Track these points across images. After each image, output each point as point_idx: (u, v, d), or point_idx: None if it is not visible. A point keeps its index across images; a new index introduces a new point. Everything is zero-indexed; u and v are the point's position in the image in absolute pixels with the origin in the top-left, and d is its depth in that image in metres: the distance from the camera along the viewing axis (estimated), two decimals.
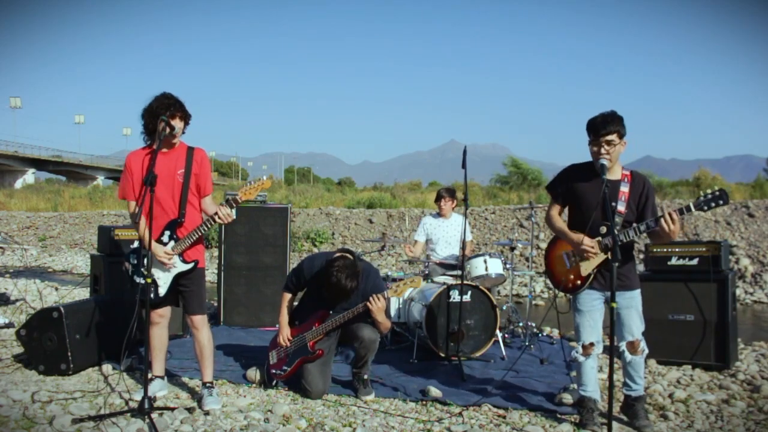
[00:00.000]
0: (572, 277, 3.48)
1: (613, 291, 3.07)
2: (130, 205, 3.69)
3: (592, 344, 3.46)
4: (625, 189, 3.41)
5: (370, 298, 3.90)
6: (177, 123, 3.58)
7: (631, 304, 3.44)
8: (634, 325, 3.44)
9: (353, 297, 4.01)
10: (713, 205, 3.12)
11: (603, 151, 3.31)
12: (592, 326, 3.47)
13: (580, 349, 3.49)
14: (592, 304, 3.47)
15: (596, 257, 3.38)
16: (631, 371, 3.53)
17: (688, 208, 3.14)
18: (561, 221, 3.62)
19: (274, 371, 4.19)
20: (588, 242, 3.36)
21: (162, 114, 3.49)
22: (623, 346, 3.46)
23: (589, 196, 3.43)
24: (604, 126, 3.30)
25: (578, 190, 3.50)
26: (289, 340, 4.14)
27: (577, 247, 3.42)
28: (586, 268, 3.41)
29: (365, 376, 4.09)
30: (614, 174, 3.43)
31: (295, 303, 4.32)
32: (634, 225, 3.32)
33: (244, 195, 3.56)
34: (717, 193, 3.12)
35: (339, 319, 4.00)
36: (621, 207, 3.37)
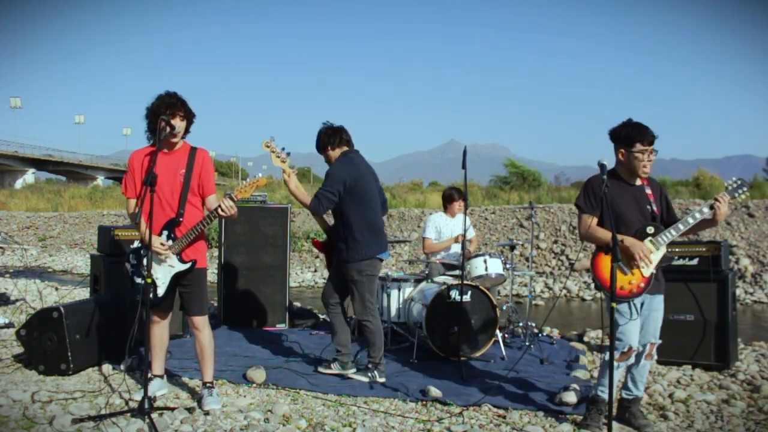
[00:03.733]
0: (634, 281, 3.37)
1: (613, 291, 3.07)
2: (130, 205, 3.69)
3: (631, 348, 3.39)
4: (649, 191, 3.46)
5: None
6: (178, 122, 3.57)
7: (660, 306, 3.48)
8: (657, 329, 3.47)
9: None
10: (740, 192, 3.37)
11: (650, 159, 3.34)
12: (637, 330, 3.42)
13: (619, 354, 3.36)
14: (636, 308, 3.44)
15: (655, 255, 3.35)
16: (637, 375, 3.53)
17: (725, 195, 3.32)
18: (602, 230, 3.43)
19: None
20: (645, 247, 3.31)
21: (163, 113, 3.49)
22: (647, 348, 3.45)
23: (623, 201, 3.42)
24: (653, 135, 3.31)
25: (611, 199, 3.35)
26: None
27: (636, 249, 3.30)
28: (647, 267, 3.35)
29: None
30: (635, 180, 3.48)
31: None
32: (683, 218, 3.35)
33: (240, 193, 3.55)
34: (739, 181, 3.39)
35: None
36: (656, 208, 3.44)
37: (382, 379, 4.27)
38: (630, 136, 3.34)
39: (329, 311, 4.56)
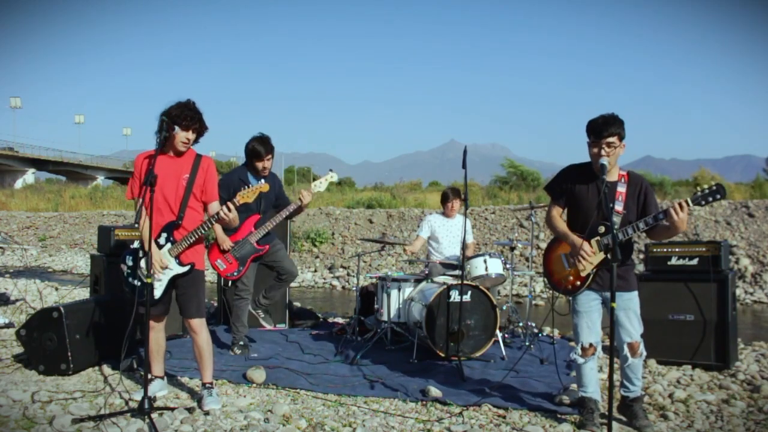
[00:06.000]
0: (571, 278, 3.48)
1: (613, 291, 3.07)
2: (137, 205, 3.70)
3: (591, 345, 3.45)
4: (622, 189, 3.42)
5: (302, 193, 4.86)
6: (190, 135, 3.61)
7: (629, 305, 3.44)
8: (633, 326, 3.44)
9: (269, 194, 4.87)
10: (710, 199, 3.12)
11: (603, 152, 3.32)
12: (591, 327, 3.46)
13: (579, 351, 3.49)
14: (590, 305, 3.46)
15: (594, 257, 3.39)
16: (630, 373, 3.53)
17: (687, 203, 3.14)
18: (562, 222, 3.61)
19: (228, 275, 4.96)
20: (586, 248, 3.37)
21: (179, 123, 3.51)
22: (624, 348, 3.46)
23: (588, 196, 3.44)
24: (606, 128, 3.30)
25: (577, 191, 3.51)
26: (231, 246, 4.88)
27: (575, 250, 3.42)
28: (585, 268, 3.41)
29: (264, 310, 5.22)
30: (611, 176, 3.43)
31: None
32: (634, 223, 3.32)
33: (242, 198, 3.55)
34: (714, 187, 3.11)
35: (277, 217, 4.89)
36: (619, 207, 3.38)
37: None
38: (586, 129, 3.40)
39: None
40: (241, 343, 5.07)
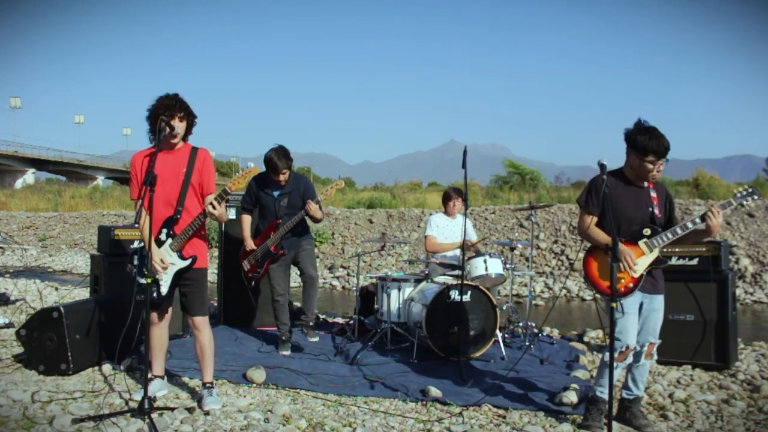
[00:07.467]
0: (624, 281, 3.42)
1: (614, 291, 3.07)
2: (137, 205, 3.70)
3: (628, 347, 3.41)
4: (654, 195, 3.48)
5: (308, 203, 5.01)
6: (177, 123, 3.58)
7: (661, 306, 3.50)
8: (659, 327, 3.50)
9: (293, 198, 5.19)
10: (749, 200, 3.33)
11: (658, 170, 3.37)
12: (634, 329, 3.45)
13: (617, 354, 3.39)
14: (634, 307, 3.44)
15: (647, 257, 3.40)
16: (637, 375, 3.54)
17: (729, 203, 3.29)
18: (601, 232, 3.51)
19: (251, 275, 5.33)
20: (630, 257, 3.35)
21: (161, 114, 3.50)
22: (645, 347, 3.47)
23: (627, 202, 3.44)
24: (668, 146, 3.33)
25: (614, 198, 3.44)
26: (254, 248, 5.22)
27: (622, 257, 3.35)
28: (638, 269, 3.39)
29: (311, 323, 5.56)
30: (642, 182, 3.50)
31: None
32: (682, 223, 3.37)
33: (234, 185, 3.53)
34: (750, 189, 3.34)
35: (290, 223, 5.08)
36: (657, 211, 3.45)
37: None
38: (645, 145, 3.34)
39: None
40: (284, 338, 5.30)
